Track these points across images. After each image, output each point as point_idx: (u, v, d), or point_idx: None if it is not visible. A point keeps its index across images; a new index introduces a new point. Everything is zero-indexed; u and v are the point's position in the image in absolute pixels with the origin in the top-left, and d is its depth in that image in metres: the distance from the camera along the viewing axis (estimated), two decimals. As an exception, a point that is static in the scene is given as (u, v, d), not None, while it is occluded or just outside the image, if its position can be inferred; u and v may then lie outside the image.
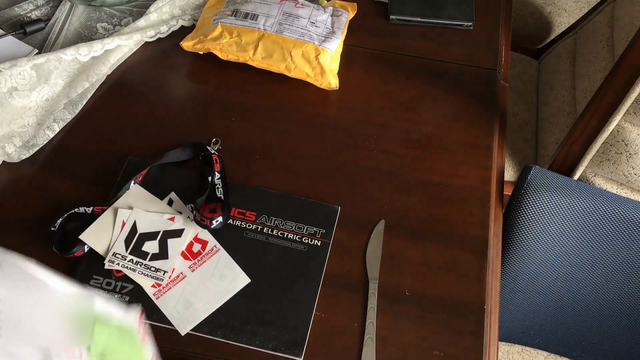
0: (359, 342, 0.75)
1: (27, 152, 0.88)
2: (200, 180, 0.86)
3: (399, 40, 1.06)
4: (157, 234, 0.80)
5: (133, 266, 0.78)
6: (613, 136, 1.03)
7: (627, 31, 1.10)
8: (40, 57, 0.92)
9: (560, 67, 1.38)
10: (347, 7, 1.04)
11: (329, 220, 0.84)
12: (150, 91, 0.97)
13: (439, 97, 0.99)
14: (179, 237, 0.80)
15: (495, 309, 0.80)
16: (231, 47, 0.97)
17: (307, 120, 0.95)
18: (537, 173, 0.90)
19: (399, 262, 0.82)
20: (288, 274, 0.79)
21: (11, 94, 0.90)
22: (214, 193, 0.84)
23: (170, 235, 0.80)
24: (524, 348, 1.20)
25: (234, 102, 0.96)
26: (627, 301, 1.00)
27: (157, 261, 0.79)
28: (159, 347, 0.74)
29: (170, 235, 0.80)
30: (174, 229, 0.81)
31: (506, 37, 1.10)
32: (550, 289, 1.01)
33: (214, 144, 0.91)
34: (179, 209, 0.83)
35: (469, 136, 0.95)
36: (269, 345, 0.74)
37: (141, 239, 0.80)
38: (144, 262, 0.78)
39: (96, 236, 0.80)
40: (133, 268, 0.78)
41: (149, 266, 0.78)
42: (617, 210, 0.89)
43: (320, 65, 0.96)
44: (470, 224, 0.86)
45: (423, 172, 0.90)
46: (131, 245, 0.79)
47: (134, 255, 0.79)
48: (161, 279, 0.77)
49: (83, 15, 1.05)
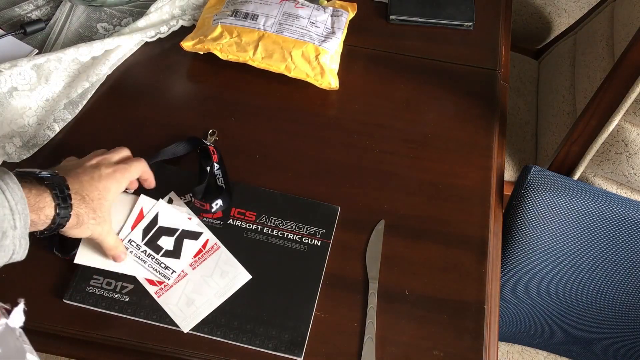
0: (359, 342, 0.75)
1: (27, 152, 0.88)
2: (199, 175, 0.86)
3: (399, 40, 1.06)
4: (175, 230, 0.80)
5: (145, 257, 0.77)
6: (613, 136, 1.03)
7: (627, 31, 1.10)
8: (41, 57, 0.92)
9: (560, 67, 1.38)
10: (347, 7, 1.05)
11: (329, 220, 0.84)
12: (150, 91, 0.97)
13: (439, 97, 0.99)
14: (195, 240, 0.80)
15: (495, 308, 0.80)
16: (231, 47, 0.97)
17: (307, 120, 0.95)
18: (537, 173, 0.90)
19: (399, 262, 0.82)
20: (288, 274, 0.79)
21: (11, 94, 0.90)
22: (215, 183, 0.84)
23: (187, 235, 0.80)
24: (524, 348, 1.20)
25: (233, 102, 0.97)
26: (626, 301, 1.00)
27: (169, 259, 0.78)
28: (159, 348, 0.75)
29: (187, 236, 0.80)
30: (193, 230, 0.80)
31: (506, 37, 1.10)
32: (550, 288, 1.01)
33: (211, 135, 0.91)
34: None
35: (468, 136, 0.95)
36: (269, 345, 0.74)
37: (159, 233, 0.79)
38: (156, 256, 0.78)
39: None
40: (144, 259, 0.77)
41: (160, 261, 0.78)
42: (617, 210, 0.89)
43: (320, 65, 0.96)
44: (470, 224, 0.86)
45: (423, 172, 0.90)
46: (148, 236, 0.78)
47: (149, 247, 0.78)
48: (168, 277, 0.77)
49: (83, 15, 1.05)
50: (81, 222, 0.69)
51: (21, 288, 0.77)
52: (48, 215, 0.65)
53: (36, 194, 0.64)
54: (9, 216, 0.60)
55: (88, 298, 0.75)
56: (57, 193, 0.66)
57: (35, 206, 0.64)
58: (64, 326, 0.75)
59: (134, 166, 0.76)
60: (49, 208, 0.65)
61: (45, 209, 0.65)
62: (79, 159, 0.76)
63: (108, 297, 0.76)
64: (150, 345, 0.74)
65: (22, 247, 0.62)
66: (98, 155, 0.76)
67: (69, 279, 0.77)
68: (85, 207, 0.69)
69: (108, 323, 0.75)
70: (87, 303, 0.75)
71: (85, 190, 0.70)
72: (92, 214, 0.70)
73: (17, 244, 0.61)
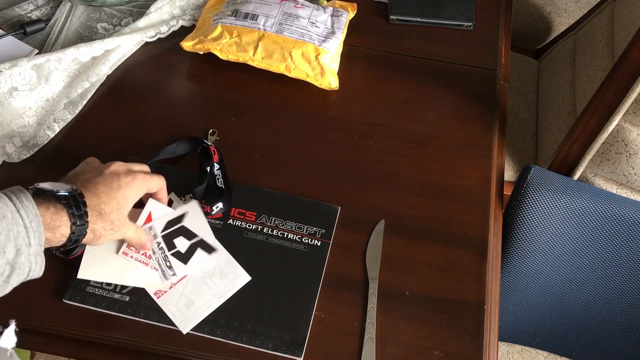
0: (359, 342, 0.75)
1: (27, 152, 0.88)
2: (200, 175, 0.86)
3: (399, 40, 1.06)
4: (194, 236, 0.79)
5: (156, 249, 0.77)
6: (613, 136, 1.03)
7: (627, 31, 1.10)
8: (41, 57, 0.92)
9: (560, 67, 1.38)
10: (347, 7, 1.05)
11: (329, 220, 0.84)
12: (150, 91, 0.97)
13: (439, 97, 0.99)
14: (208, 254, 0.79)
15: (495, 308, 0.80)
16: (231, 47, 0.97)
17: (307, 120, 0.95)
18: (537, 173, 0.90)
19: (399, 262, 0.82)
20: (288, 274, 0.79)
21: (11, 94, 0.90)
22: (215, 183, 0.84)
23: (202, 246, 0.79)
24: (524, 348, 1.20)
25: (234, 102, 0.97)
26: (626, 301, 1.00)
27: (176, 260, 0.78)
28: (159, 348, 0.74)
29: (202, 246, 0.79)
30: (210, 244, 0.79)
31: (506, 37, 1.10)
32: (550, 288, 1.01)
33: (211, 135, 0.91)
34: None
35: (469, 136, 0.95)
36: (269, 345, 0.74)
37: (179, 232, 0.79)
38: (167, 252, 0.77)
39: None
40: (154, 250, 0.77)
41: (167, 258, 0.77)
42: (617, 210, 0.89)
43: (320, 65, 0.96)
44: (470, 224, 0.86)
45: (423, 172, 0.90)
46: (169, 230, 0.78)
47: (164, 240, 0.78)
48: (167, 277, 0.77)
49: (83, 15, 1.05)
50: (98, 236, 0.69)
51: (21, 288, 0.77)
52: (64, 233, 0.65)
53: (53, 212, 0.64)
54: (23, 233, 0.60)
55: (88, 298, 0.75)
56: (73, 212, 0.65)
57: (50, 224, 0.63)
58: (64, 326, 0.75)
59: (155, 179, 0.76)
60: (65, 227, 0.65)
61: (61, 228, 0.64)
62: (99, 164, 0.75)
63: (108, 297, 0.76)
64: (150, 345, 0.74)
65: (38, 264, 0.62)
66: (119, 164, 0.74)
67: (69, 279, 0.77)
68: (101, 221, 0.68)
69: (108, 323, 0.75)
70: (87, 303, 0.75)
71: (103, 203, 0.69)
72: (110, 226, 0.69)
73: (32, 262, 0.61)
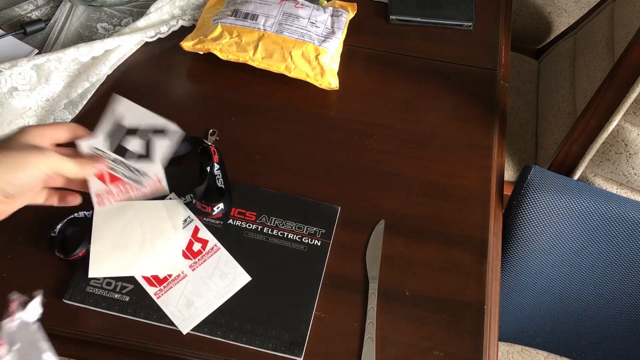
0: (359, 342, 0.75)
1: (27, 152, 0.88)
2: (200, 175, 0.86)
3: (399, 40, 1.06)
4: (141, 128, 0.71)
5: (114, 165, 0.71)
6: (613, 136, 1.03)
7: (627, 31, 1.10)
8: (41, 57, 0.92)
9: (560, 67, 1.38)
10: (347, 7, 1.05)
11: (329, 220, 0.84)
12: (150, 91, 0.97)
13: (439, 97, 0.99)
14: (165, 137, 0.71)
15: (495, 308, 0.80)
16: (231, 47, 0.97)
17: (307, 120, 0.95)
18: (537, 173, 0.90)
19: (399, 262, 0.82)
20: (288, 274, 0.79)
21: (11, 94, 0.90)
22: (215, 183, 0.84)
23: (156, 133, 0.71)
24: (524, 348, 1.20)
25: (234, 102, 0.97)
26: (626, 301, 1.00)
27: (141, 163, 0.71)
28: (159, 348, 0.75)
29: (156, 134, 0.71)
30: (163, 127, 0.71)
31: (506, 37, 1.10)
32: (550, 288, 1.01)
33: (211, 135, 0.91)
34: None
35: (469, 136, 0.95)
36: (269, 345, 0.74)
37: (121, 136, 0.71)
38: (126, 161, 0.71)
39: None
40: (113, 168, 0.71)
41: (131, 166, 0.71)
42: (617, 210, 0.89)
43: (320, 65, 0.96)
44: (470, 224, 0.86)
45: (423, 172, 0.90)
46: (113, 140, 0.71)
47: (116, 152, 0.71)
48: (142, 184, 0.71)
49: (83, 15, 1.05)
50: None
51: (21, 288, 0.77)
52: None
53: None
54: None
55: (88, 298, 0.75)
56: None
57: None
58: (64, 326, 0.75)
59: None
60: None
61: None
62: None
63: (108, 297, 0.76)
64: (150, 345, 0.74)
65: None
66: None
67: (69, 279, 0.77)
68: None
69: (108, 323, 0.75)
70: (87, 303, 0.75)
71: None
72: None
73: None
